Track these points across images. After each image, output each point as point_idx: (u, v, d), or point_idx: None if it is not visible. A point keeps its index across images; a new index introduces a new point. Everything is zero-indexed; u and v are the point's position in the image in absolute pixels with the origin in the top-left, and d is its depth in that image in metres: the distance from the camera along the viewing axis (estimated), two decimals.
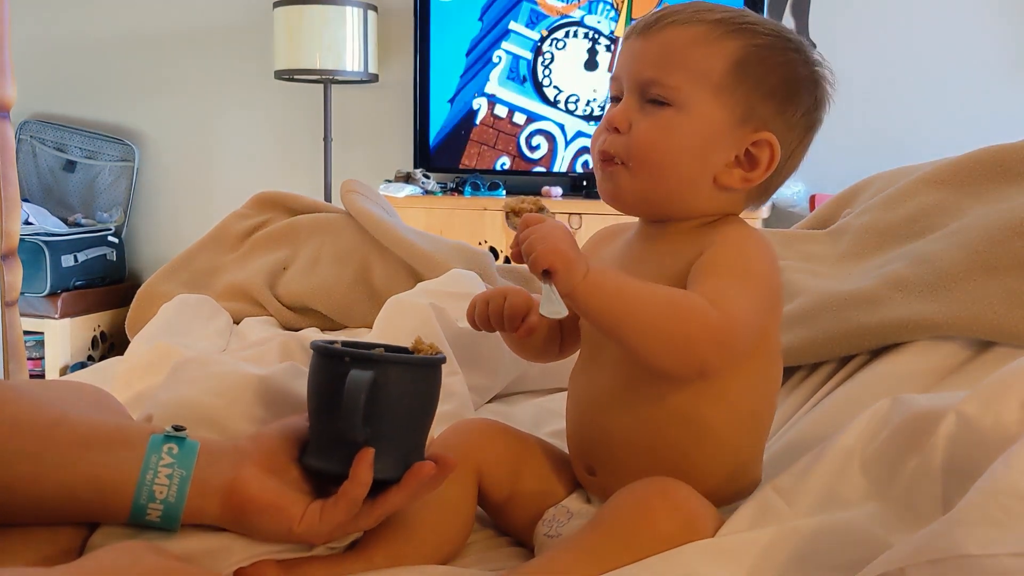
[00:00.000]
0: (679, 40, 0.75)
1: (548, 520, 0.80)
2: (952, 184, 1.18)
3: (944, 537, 0.53)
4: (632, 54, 0.78)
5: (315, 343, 0.71)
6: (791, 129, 0.77)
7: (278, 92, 3.24)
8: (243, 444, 0.70)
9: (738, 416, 0.77)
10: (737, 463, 0.78)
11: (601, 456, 0.80)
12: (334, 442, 0.67)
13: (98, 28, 3.44)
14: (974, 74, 2.69)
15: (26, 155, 3.33)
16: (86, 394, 0.82)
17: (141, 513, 0.64)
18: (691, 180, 0.76)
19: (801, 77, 0.77)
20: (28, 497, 0.63)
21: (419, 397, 0.70)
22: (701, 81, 0.74)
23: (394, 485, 0.68)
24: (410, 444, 0.70)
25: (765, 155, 0.76)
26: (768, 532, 0.66)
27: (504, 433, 0.85)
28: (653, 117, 0.75)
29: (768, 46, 0.76)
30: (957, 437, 0.66)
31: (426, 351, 0.73)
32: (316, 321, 1.51)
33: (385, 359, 0.68)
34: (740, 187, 0.77)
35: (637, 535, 0.67)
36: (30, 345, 2.88)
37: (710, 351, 0.68)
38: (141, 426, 0.69)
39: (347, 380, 0.65)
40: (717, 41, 0.75)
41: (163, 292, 1.55)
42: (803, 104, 0.77)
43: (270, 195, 1.76)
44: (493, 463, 0.81)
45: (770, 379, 0.80)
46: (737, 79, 0.74)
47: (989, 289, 0.98)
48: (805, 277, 1.17)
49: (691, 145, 0.75)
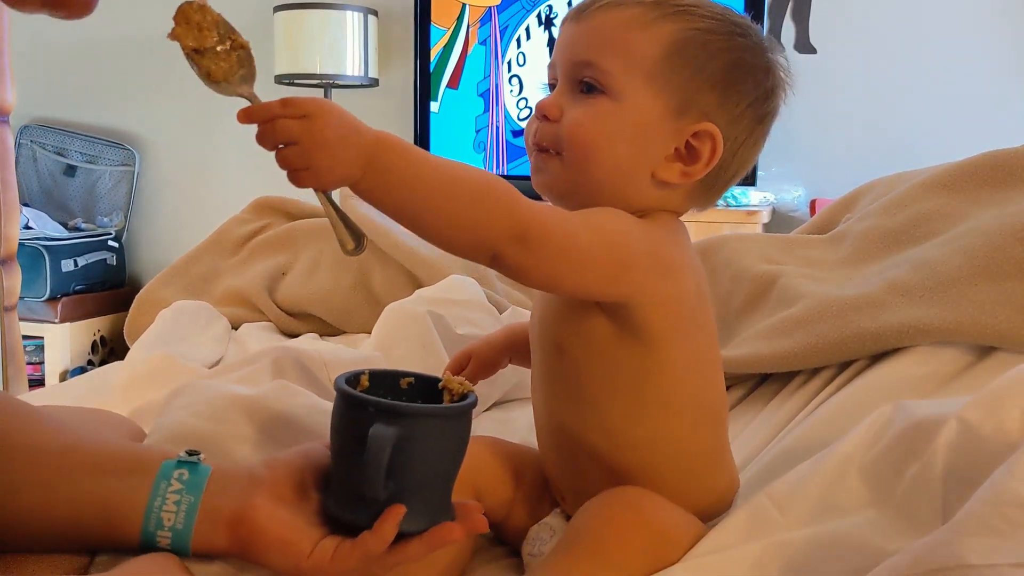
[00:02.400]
0: (613, 22, 0.70)
1: (532, 539, 0.77)
2: (953, 189, 1.17)
3: (944, 547, 0.52)
4: (566, 37, 0.73)
5: (339, 383, 0.65)
6: (736, 120, 0.71)
7: (278, 96, 3.22)
8: (257, 471, 0.67)
9: (662, 456, 0.73)
10: (684, 496, 0.73)
11: (563, 483, 0.79)
12: (357, 493, 0.62)
13: (98, 33, 3.44)
14: (975, 79, 2.69)
15: (26, 159, 3.33)
16: (102, 416, 0.83)
17: (151, 540, 0.63)
18: (625, 172, 0.70)
19: (747, 64, 0.71)
20: (40, 524, 0.62)
21: (448, 448, 0.65)
22: (634, 67, 0.69)
23: (416, 536, 0.64)
24: (436, 496, 0.65)
25: (706, 148, 0.70)
26: (762, 543, 0.65)
27: (501, 451, 0.82)
28: (585, 105, 0.70)
29: (709, 30, 0.70)
30: (958, 444, 0.65)
31: (456, 389, 0.68)
32: (315, 327, 1.51)
33: (412, 412, 0.63)
34: (680, 182, 0.71)
35: (609, 552, 0.65)
36: (30, 350, 2.88)
37: (503, 240, 0.62)
38: (156, 451, 0.68)
39: (370, 436, 0.60)
40: (653, 24, 0.69)
41: (162, 297, 1.55)
42: (749, 93, 0.71)
43: (269, 200, 1.76)
44: (492, 483, 0.79)
45: (700, 410, 0.75)
46: (673, 65, 0.69)
47: (990, 294, 0.97)
48: (805, 282, 1.17)
49: (624, 135, 0.69)
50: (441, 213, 0.61)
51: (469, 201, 0.61)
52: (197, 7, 0.62)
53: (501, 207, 0.62)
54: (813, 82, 2.71)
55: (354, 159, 0.59)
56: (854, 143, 2.77)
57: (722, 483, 0.77)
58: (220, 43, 0.63)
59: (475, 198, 0.62)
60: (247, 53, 0.64)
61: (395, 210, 0.62)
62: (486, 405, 1.23)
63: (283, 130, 0.59)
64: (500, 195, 0.62)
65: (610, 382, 0.72)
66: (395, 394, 0.70)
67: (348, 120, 0.60)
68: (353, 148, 0.59)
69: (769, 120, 0.74)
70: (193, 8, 0.61)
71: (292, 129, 0.59)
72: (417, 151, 0.62)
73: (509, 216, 0.62)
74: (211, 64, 0.63)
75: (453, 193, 0.61)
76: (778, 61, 0.74)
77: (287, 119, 0.59)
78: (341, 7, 2.86)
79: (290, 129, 0.59)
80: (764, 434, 1.00)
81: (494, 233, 0.61)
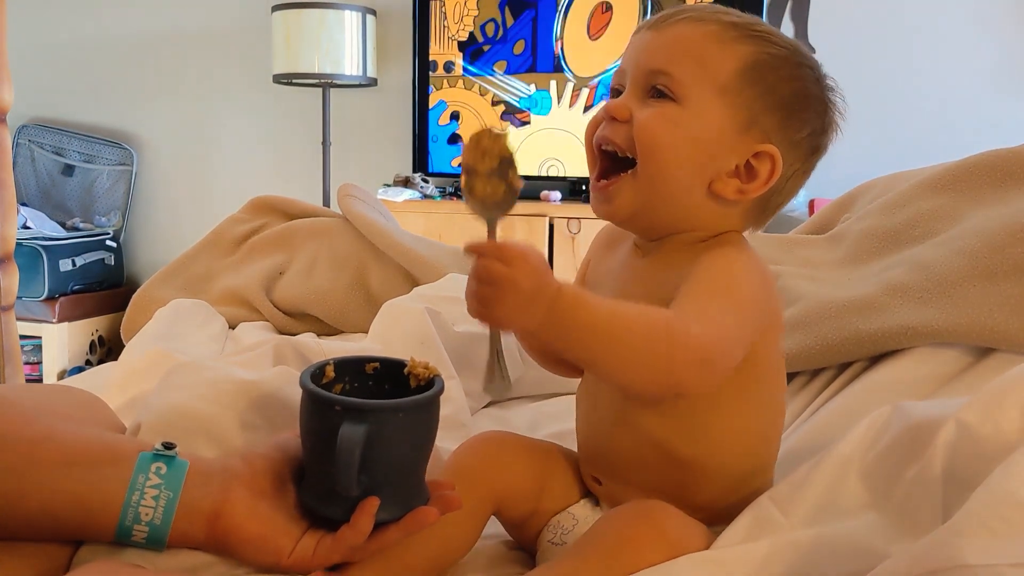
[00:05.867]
0: (692, 35, 0.73)
1: (553, 526, 0.77)
2: (951, 189, 1.17)
3: (943, 547, 0.52)
4: (641, 46, 0.75)
5: (304, 381, 0.66)
6: (795, 147, 0.74)
7: (276, 96, 3.24)
8: (234, 464, 0.67)
9: (741, 450, 0.75)
10: (746, 487, 0.75)
11: (607, 469, 0.78)
12: (330, 488, 0.63)
13: (97, 32, 3.44)
14: (975, 79, 2.69)
15: (24, 159, 3.33)
16: (76, 400, 0.81)
17: (126, 534, 0.63)
18: (689, 178, 0.72)
19: (812, 95, 0.74)
20: (13, 514, 0.62)
21: (417, 437, 0.66)
22: (708, 79, 0.72)
23: (393, 523, 0.66)
24: (409, 483, 0.67)
25: (765, 168, 0.72)
26: (765, 544, 0.65)
27: (525, 449, 0.81)
28: (655, 108, 0.72)
29: (782, 57, 0.73)
30: (956, 445, 0.65)
31: (421, 374, 0.69)
32: (312, 326, 1.50)
33: (379, 408, 0.64)
34: (734, 198, 0.73)
35: (620, 560, 0.65)
36: (28, 349, 2.87)
37: (689, 371, 0.65)
38: (130, 442, 0.67)
39: (339, 436, 0.61)
40: (731, 42, 0.72)
41: (159, 297, 1.54)
42: (810, 123, 0.74)
43: (266, 199, 1.75)
44: (516, 484, 0.78)
45: (773, 408, 0.78)
46: (745, 83, 0.72)
47: (989, 295, 0.97)
48: (804, 283, 1.17)
49: (691, 140, 0.71)
50: (616, 359, 0.64)
51: (641, 345, 0.64)
52: (493, 136, 0.66)
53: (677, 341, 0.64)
54: None
55: (536, 311, 0.62)
56: (853, 144, 2.76)
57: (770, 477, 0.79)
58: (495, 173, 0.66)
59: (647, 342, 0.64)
60: (513, 191, 0.67)
61: (573, 356, 0.66)
62: (484, 402, 1.22)
63: (487, 271, 0.61)
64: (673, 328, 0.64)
65: None
66: (361, 381, 0.72)
67: (542, 273, 0.62)
68: (539, 301, 0.62)
69: (820, 154, 0.77)
70: (489, 136, 0.66)
71: (495, 273, 0.61)
72: (592, 299, 0.64)
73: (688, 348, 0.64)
74: (478, 184, 0.66)
75: (625, 340, 0.64)
76: (836, 101, 0.76)
77: (494, 262, 0.61)
78: (339, 6, 2.86)
79: (493, 273, 0.61)
80: None
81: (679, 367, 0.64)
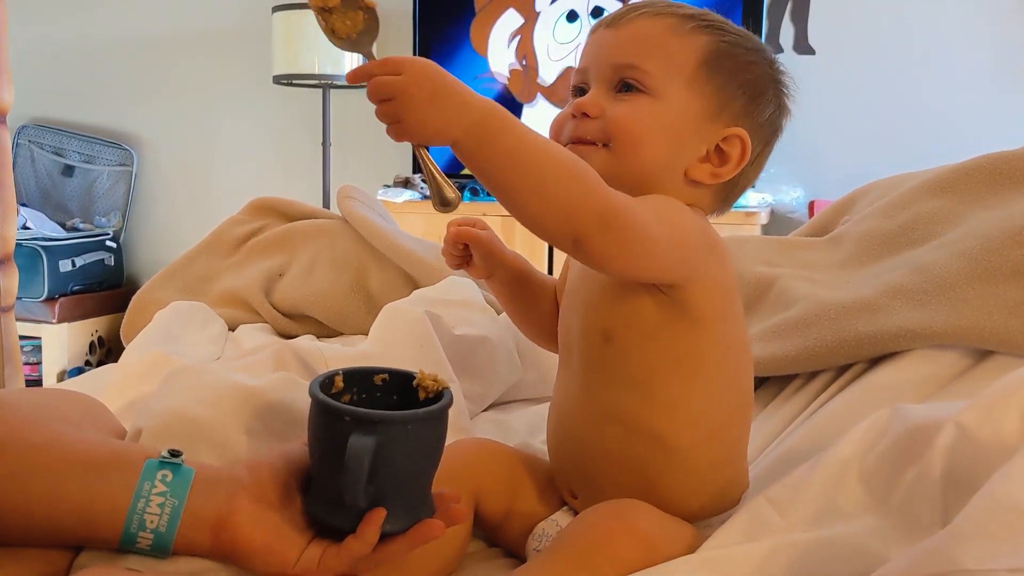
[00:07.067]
0: (653, 29, 0.75)
1: (538, 535, 0.79)
2: (951, 191, 1.17)
3: (941, 552, 0.52)
4: (602, 44, 0.77)
5: (314, 390, 0.65)
6: (758, 129, 0.77)
7: (276, 97, 3.24)
8: (240, 473, 0.66)
9: (707, 432, 0.75)
10: (716, 479, 0.76)
11: (579, 478, 0.79)
12: (338, 498, 0.63)
13: (97, 32, 3.44)
14: (975, 80, 2.69)
15: (24, 160, 3.33)
16: (79, 404, 0.81)
17: (131, 541, 0.62)
18: (663, 167, 0.74)
19: (769, 77, 0.78)
20: (16, 519, 0.62)
21: (426, 449, 0.66)
22: (675, 71, 0.74)
23: (399, 534, 0.65)
24: (416, 495, 0.67)
25: (736, 151, 0.75)
26: (762, 546, 0.65)
27: (499, 453, 0.84)
28: (625, 102, 0.74)
29: (737, 44, 0.76)
30: (956, 448, 0.65)
31: (430, 387, 0.69)
32: (312, 328, 1.50)
33: (388, 419, 0.63)
34: (709, 182, 0.76)
35: (595, 559, 0.66)
36: (27, 350, 2.87)
37: (588, 223, 0.63)
38: (136, 449, 0.67)
39: (348, 447, 0.60)
40: (689, 34, 0.75)
41: (158, 299, 1.54)
42: (771, 105, 0.78)
43: (266, 201, 1.75)
44: (490, 486, 0.80)
45: (738, 390, 0.78)
46: (710, 72, 0.75)
47: (988, 298, 0.97)
48: (803, 284, 1.17)
49: (664, 131, 0.74)
50: (536, 188, 0.63)
51: (564, 180, 0.63)
52: None
53: (591, 190, 0.64)
54: (812, 83, 2.70)
55: (449, 121, 0.62)
56: (853, 144, 2.76)
57: (743, 475, 0.79)
58: (347, 4, 0.67)
59: (570, 178, 0.63)
60: (372, 14, 0.68)
61: (492, 180, 0.64)
62: (483, 406, 1.22)
63: (379, 86, 0.62)
64: (590, 179, 0.64)
65: (667, 362, 0.74)
66: (370, 392, 0.71)
67: (445, 83, 0.62)
68: (450, 110, 0.61)
69: (779, 135, 0.80)
70: None
71: (387, 86, 0.62)
72: (520, 126, 0.64)
73: (597, 200, 0.64)
74: (337, 21, 0.66)
75: (550, 170, 0.63)
76: (786, 82, 0.80)
77: (383, 76, 0.62)
78: None
79: (384, 86, 0.62)
80: (762, 438, 1.00)
81: (582, 215, 0.63)
